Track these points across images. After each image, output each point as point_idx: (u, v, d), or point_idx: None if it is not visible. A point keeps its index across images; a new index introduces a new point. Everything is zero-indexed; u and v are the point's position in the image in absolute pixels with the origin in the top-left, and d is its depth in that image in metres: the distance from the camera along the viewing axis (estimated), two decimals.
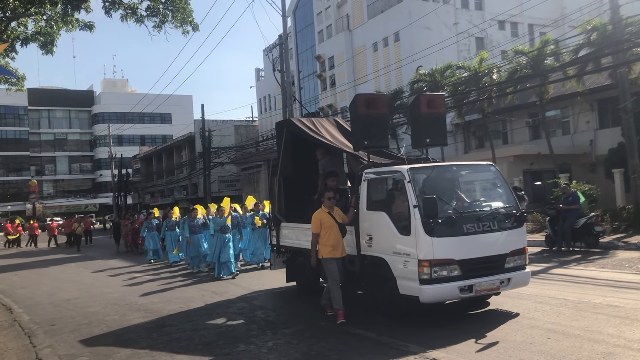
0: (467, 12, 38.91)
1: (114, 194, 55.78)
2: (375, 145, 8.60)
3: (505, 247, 7.41)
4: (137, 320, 8.72)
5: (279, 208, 10.53)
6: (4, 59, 17.18)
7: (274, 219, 10.70)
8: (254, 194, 38.91)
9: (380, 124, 8.56)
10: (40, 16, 16.47)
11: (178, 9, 15.55)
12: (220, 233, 13.45)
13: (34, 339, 7.88)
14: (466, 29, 36.22)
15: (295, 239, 10.02)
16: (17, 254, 27.46)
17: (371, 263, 7.85)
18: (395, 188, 7.76)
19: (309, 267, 8.66)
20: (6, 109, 75.20)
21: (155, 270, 16.25)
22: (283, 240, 10.49)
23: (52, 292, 12.86)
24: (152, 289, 12.16)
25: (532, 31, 38.91)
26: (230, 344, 6.96)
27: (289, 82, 25.93)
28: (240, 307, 9.38)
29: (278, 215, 10.53)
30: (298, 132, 9.94)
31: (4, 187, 74.55)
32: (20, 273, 17.96)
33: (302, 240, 9.45)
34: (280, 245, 10.58)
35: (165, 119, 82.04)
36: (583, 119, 26.50)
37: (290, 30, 44.86)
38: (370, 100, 8.52)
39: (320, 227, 7.82)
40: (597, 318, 7.13)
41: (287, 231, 10.33)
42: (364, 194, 8.01)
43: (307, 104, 43.17)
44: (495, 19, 37.16)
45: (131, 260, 19.58)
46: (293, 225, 10.10)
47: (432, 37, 34.04)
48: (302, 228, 9.55)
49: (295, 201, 10.27)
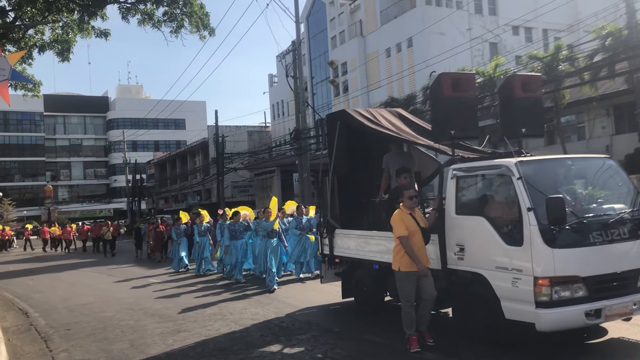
0: (480, 17, 38.80)
1: (128, 199, 56.21)
2: (463, 136, 7.29)
3: (638, 261, 6.01)
4: (151, 326, 8.75)
5: (333, 212, 9.05)
6: (21, 66, 17.42)
7: (327, 225, 9.15)
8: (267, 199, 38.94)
9: (469, 109, 7.15)
10: (57, 24, 16.70)
11: (192, 15, 15.71)
12: (267, 238, 12.23)
13: (50, 343, 7.94)
14: (480, 35, 36.12)
15: (353, 249, 8.60)
16: (33, 259, 27.71)
17: (463, 280, 6.54)
18: (498, 187, 6.47)
19: (371, 281, 7.98)
20: (23, 114, 76.14)
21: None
22: (338, 249, 9.01)
23: (67, 296, 12.95)
24: (169, 295, 12.21)
25: (546, 36, 38.71)
26: (245, 349, 6.96)
27: (301, 88, 25.98)
28: (254, 314, 9.38)
29: (331, 220, 9.04)
30: (355, 124, 8.66)
31: (20, 192, 75.36)
32: (36, 278, 18.12)
33: (364, 250, 8.32)
34: (335, 255, 9.12)
35: (179, 125, 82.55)
36: (599, 124, 26.26)
37: (304, 36, 44.95)
38: (457, 81, 7.05)
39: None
40: None
41: (344, 239, 8.88)
42: (452, 195, 6.71)
43: (320, 109, 43.22)
44: (509, 24, 37.00)
45: (153, 267, 18.71)
46: (351, 232, 8.76)
47: (445, 43, 33.97)
48: (362, 236, 8.46)
49: (351, 204, 9.08)
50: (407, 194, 6.65)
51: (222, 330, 8.17)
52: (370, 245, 8.02)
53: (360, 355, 6.47)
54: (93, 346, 7.62)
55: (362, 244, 8.43)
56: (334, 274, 9.46)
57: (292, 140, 27.57)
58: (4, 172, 77.57)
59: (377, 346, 6.84)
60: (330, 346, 6.91)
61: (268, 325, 8.38)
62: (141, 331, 8.38)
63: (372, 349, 6.75)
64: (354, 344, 6.96)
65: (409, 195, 6.62)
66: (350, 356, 6.45)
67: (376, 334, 7.30)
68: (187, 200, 54.89)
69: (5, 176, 76.94)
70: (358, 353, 6.57)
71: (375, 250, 7.97)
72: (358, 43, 42.76)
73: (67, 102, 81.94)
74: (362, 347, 6.80)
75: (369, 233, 7.86)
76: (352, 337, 7.29)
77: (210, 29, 16.16)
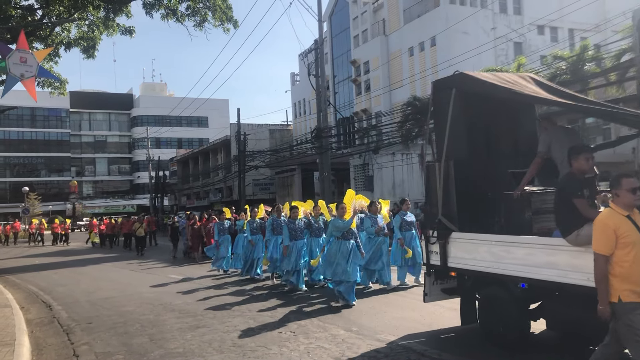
0: (505, 16, 38.36)
1: (150, 195, 56.87)
2: None
3: None
4: (171, 321, 8.84)
5: (447, 210, 6.88)
6: (48, 63, 17.71)
7: (439, 225, 6.93)
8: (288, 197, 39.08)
9: None
10: (83, 21, 16.95)
11: (216, 9, 15.82)
12: (342, 240, 9.76)
13: (72, 336, 8.07)
14: (504, 34, 35.72)
15: (484, 260, 6.37)
16: (58, 253, 28.19)
17: None
18: None
19: (514, 305, 6.15)
20: (49, 111, 77.55)
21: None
22: (454, 259, 6.81)
23: (90, 290, 13.15)
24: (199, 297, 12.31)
25: (572, 36, 38.11)
26: (262, 346, 6.98)
27: (323, 86, 26.00)
28: (273, 311, 9.40)
29: (445, 220, 6.86)
30: (482, 89, 6.59)
31: (46, 187, 76.76)
32: (60, 271, 18.44)
33: (502, 262, 6.08)
34: (449, 267, 6.91)
35: (202, 123, 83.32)
36: None
37: (326, 35, 44.95)
38: None
39: (615, 244, 4.27)
40: None
41: (466, 246, 6.67)
42: None
43: (341, 108, 43.21)
44: (534, 24, 36.52)
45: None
46: (477, 237, 6.54)
47: (469, 42, 33.64)
48: (501, 243, 6.18)
49: (471, 199, 6.84)
50: (626, 183, 4.34)
51: (241, 326, 8.18)
52: (514, 255, 5.93)
53: (377, 355, 6.39)
54: (113, 340, 7.73)
55: (501, 253, 6.15)
56: (441, 291, 7.44)
57: (313, 139, 27.61)
58: (31, 167, 79.11)
59: (394, 347, 6.75)
60: (348, 345, 6.86)
61: (286, 322, 8.35)
62: (160, 326, 8.47)
63: (389, 350, 6.65)
64: (371, 345, 6.88)
65: (630, 185, 4.31)
66: (367, 355, 6.38)
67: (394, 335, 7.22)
68: (209, 197, 55.34)
69: (31, 171, 78.49)
70: (375, 353, 6.49)
71: (525, 263, 5.80)
72: (381, 42, 42.61)
73: (93, 99, 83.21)
74: (379, 348, 6.73)
75: (515, 239, 5.88)
76: (371, 338, 7.21)
77: (234, 21, 16.25)
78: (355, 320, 8.32)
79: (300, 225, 11.68)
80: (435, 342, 6.93)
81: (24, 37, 9.79)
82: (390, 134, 30.65)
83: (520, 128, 7.44)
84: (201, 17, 16.24)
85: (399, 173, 32.05)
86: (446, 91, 6.97)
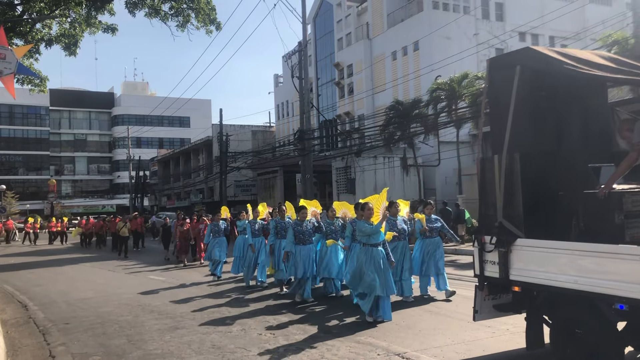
0: (487, 22, 38.77)
1: (130, 195, 56.32)
2: None
3: None
4: (150, 322, 8.76)
5: (511, 211, 5.70)
6: (28, 60, 17.47)
7: (499, 230, 5.71)
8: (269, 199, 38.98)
9: None
10: (65, 18, 16.75)
11: (199, 10, 15.77)
12: (368, 247, 8.39)
13: (48, 337, 7.97)
14: (486, 40, 36.12)
15: (564, 273, 5.14)
16: (33, 253, 27.79)
17: None
18: None
19: (605, 330, 4.97)
20: (28, 108, 76.50)
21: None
22: (519, 271, 5.58)
23: (67, 290, 12.99)
24: (168, 292, 12.22)
25: (553, 43, 38.65)
26: (242, 348, 6.96)
27: (307, 88, 26.02)
28: (253, 313, 9.38)
29: (507, 223, 5.68)
30: (552, 67, 5.41)
31: (24, 186, 75.63)
32: (36, 271, 18.18)
33: (593, 277, 4.87)
34: (511, 280, 5.66)
35: (183, 123, 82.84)
36: None
37: (310, 37, 44.99)
38: None
39: None
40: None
41: (535, 255, 5.45)
42: None
43: (324, 111, 43.24)
44: (516, 30, 36.97)
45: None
46: (555, 245, 5.29)
47: (452, 47, 33.94)
48: (589, 253, 4.98)
49: (544, 199, 5.79)
50: None
51: (221, 328, 8.15)
52: (610, 268, 4.75)
53: (356, 357, 6.40)
54: (91, 340, 7.64)
55: (590, 265, 4.94)
56: (492, 307, 6.16)
57: (295, 141, 27.62)
58: (8, 165, 77.90)
59: (373, 349, 6.76)
60: (328, 347, 6.85)
61: (267, 324, 8.33)
62: (139, 327, 8.39)
63: (368, 351, 6.65)
64: (350, 347, 6.87)
65: None
66: (346, 357, 6.40)
67: (373, 337, 7.24)
68: (190, 198, 55.00)
69: (9, 169, 77.27)
70: (354, 355, 6.50)
71: (627, 279, 4.62)
72: (364, 45, 42.78)
73: (73, 97, 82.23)
74: (358, 351, 6.74)
75: (614, 249, 4.75)
76: (350, 340, 7.19)
77: (216, 23, 16.19)
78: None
79: (308, 227, 10.46)
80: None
81: (3, 33, 9.65)
82: (372, 137, 30.78)
83: (592, 115, 6.33)
84: (184, 18, 16.17)
85: (380, 176, 32.18)
86: (507, 70, 5.85)
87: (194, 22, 16.23)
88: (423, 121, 27.27)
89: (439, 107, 26.77)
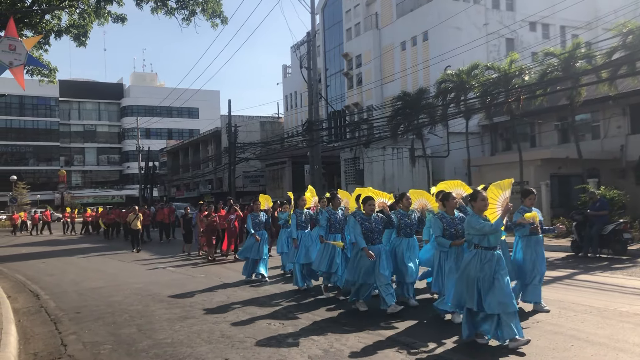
0: (497, 12, 38.44)
1: (140, 186, 56.63)
2: None
3: None
4: (160, 311, 8.82)
5: None
6: (38, 51, 17.53)
7: None
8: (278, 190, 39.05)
9: None
10: (74, 9, 16.79)
11: (206, 3, 15.73)
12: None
13: (60, 326, 8.04)
14: (496, 30, 35.84)
15: None
16: (45, 242, 28.02)
17: None
18: None
19: None
20: (38, 99, 76.99)
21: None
22: None
23: (78, 280, 13.10)
24: (177, 283, 12.29)
25: (564, 33, 38.29)
26: (251, 337, 6.99)
27: (315, 79, 25.96)
28: (262, 302, 9.41)
29: None
30: None
31: (34, 176, 76.24)
32: (48, 261, 18.33)
33: None
34: None
35: (192, 114, 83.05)
36: (614, 123, 25.99)
37: (319, 28, 44.84)
38: None
39: None
40: (623, 327, 6.97)
41: None
42: None
43: (333, 101, 43.16)
44: (527, 20, 36.65)
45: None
46: None
47: (461, 37, 33.73)
48: None
49: None
50: None
51: (230, 318, 8.19)
52: None
53: (365, 347, 6.39)
54: (101, 330, 7.71)
55: None
56: None
57: (304, 132, 27.60)
58: (19, 156, 78.55)
59: (381, 339, 6.78)
60: (337, 337, 6.88)
61: (275, 314, 8.36)
62: (149, 316, 8.45)
63: (377, 342, 6.65)
64: (358, 337, 6.88)
65: None
66: (355, 347, 6.39)
67: (382, 328, 7.25)
68: (199, 189, 55.24)
69: (19, 160, 77.93)
70: (363, 345, 6.51)
71: None
72: (373, 36, 42.55)
73: (82, 88, 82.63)
74: (366, 341, 6.76)
75: None
76: (359, 331, 7.20)
77: (222, 17, 16.16)
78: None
79: (378, 223, 8.30)
80: None
81: (13, 24, 9.67)
82: (381, 127, 30.69)
83: None
84: (190, 11, 16.14)
85: (389, 167, 32.13)
86: None
87: (200, 16, 16.20)
88: (431, 112, 27.15)
89: (447, 98, 26.64)
